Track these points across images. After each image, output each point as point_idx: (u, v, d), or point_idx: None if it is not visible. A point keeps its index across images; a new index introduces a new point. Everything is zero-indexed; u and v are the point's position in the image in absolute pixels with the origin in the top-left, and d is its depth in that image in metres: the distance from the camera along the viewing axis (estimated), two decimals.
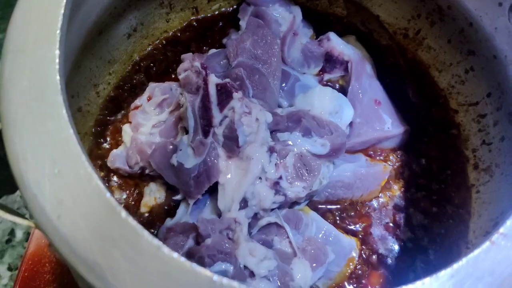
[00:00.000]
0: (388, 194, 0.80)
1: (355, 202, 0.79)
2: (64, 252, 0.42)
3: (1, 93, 0.47)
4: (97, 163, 0.79)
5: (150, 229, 0.75)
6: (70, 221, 0.42)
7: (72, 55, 0.66)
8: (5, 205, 0.50)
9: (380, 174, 0.80)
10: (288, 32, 0.85)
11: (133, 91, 0.85)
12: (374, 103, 0.82)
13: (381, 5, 0.89)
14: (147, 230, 0.41)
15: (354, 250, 0.74)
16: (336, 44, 0.85)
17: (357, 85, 0.82)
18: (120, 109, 0.83)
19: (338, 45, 0.85)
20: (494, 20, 0.68)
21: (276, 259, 0.67)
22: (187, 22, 0.92)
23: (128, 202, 0.77)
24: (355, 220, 0.77)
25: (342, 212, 0.78)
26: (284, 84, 0.82)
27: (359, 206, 0.79)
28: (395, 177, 0.81)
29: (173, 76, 0.86)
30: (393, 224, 0.77)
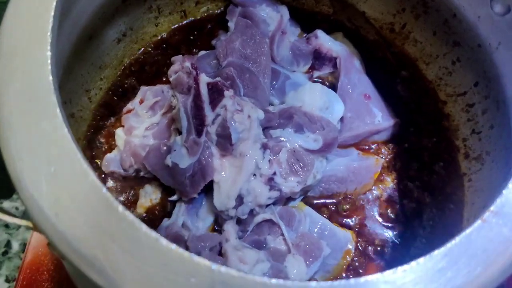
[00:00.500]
0: (382, 187, 0.81)
1: (349, 196, 0.79)
2: (63, 249, 0.42)
3: None
4: (92, 168, 0.79)
5: None
6: (68, 218, 0.42)
7: (64, 61, 0.67)
8: (2, 207, 0.50)
9: (373, 167, 0.81)
10: (277, 31, 0.85)
11: (125, 95, 0.85)
12: (364, 98, 0.83)
13: (366, 1, 0.90)
14: None
15: (350, 243, 0.75)
16: (324, 41, 0.86)
17: (347, 81, 0.83)
18: (113, 114, 0.83)
19: (326, 42, 0.86)
20: (477, 9, 0.69)
21: (269, 260, 0.67)
22: (176, 26, 0.93)
23: (124, 205, 0.77)
24: (350, 213, 0.78)
25: (337, 206, 0.78)
26: (275, 82, 0.83)
27: (354, 199, 0.79)
28: (388, 170, 0.82)
29: (164, 79, 0.87)
30: (388, 216, 0.78)
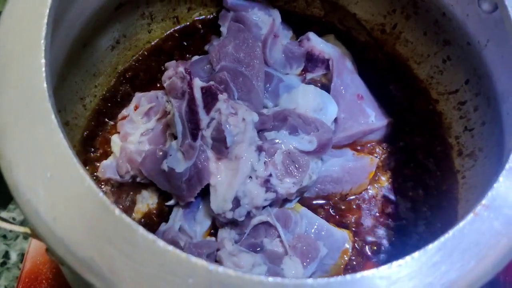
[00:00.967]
0: (377, 186, 0.81)
1: (345, 196, 0.80)
2: (61, 254, 0.42)
3: None
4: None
5: None
6: (66, 223, 0.43)
7: (58, 69, 0.67)
8: (0, 216, 0.50)
9: (368, 167, 0.81)
10: (269, 35, 0.86)
11: (120, 102, 0.85)
12: (357, 98, 0.84)
13: (357, 3, 0.91)
14: None
15: (348, 242, 0.75)
16: (316, 44, 0.87)
17: (339, 82, 0.84)
18: (108, 121, 0.84)
19: (318, 44, 0.87)
20: (465, 7, 0.70)
21: (266, 263, 0.67)
22: (169, 32, 0.93)
23: (122, 210, 0.78)
24: (346, 213, 0.79)
25: (333, 207, 0.79)
26: (268, 85, 0.83)
27: (350, 200, 0.80)
28: (383, 169, 0.83)
29: (158, 85, 0.87)
30: (384, 214, 0.79)
